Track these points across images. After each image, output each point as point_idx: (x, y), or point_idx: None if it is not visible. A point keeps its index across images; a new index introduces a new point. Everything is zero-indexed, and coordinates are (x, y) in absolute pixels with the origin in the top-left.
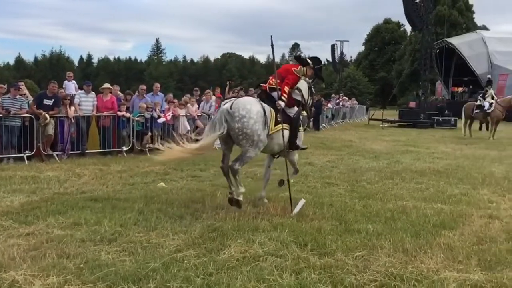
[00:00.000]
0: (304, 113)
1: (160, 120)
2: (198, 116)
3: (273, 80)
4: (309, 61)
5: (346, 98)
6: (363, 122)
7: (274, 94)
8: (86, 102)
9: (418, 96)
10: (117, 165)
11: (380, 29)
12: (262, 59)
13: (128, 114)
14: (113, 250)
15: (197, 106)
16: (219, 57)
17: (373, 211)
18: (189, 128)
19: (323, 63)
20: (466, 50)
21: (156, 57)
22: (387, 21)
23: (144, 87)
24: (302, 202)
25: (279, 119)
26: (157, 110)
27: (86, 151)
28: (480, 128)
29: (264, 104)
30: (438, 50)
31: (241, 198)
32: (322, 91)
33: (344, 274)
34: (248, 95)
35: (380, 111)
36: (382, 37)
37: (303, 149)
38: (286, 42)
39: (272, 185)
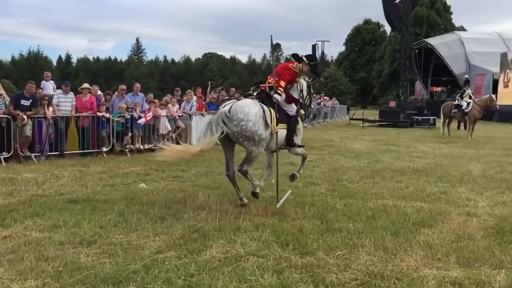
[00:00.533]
0: (302, 111)
1: (140, 121)
2: (179, 116)
3: (272, 79)
4: (304, 58)
5: (327, 98)
6: (344, 122)
7: (275, 98)
8: (64, 102)
9: (398, 96)
10: (96, 166)
11: (360, 29)
12: (244, 59)
13: (108, 115)
14: (92, 252)
15: (178, 106)
16: (200, 57)
17: (354, 210)
18: (170, 129)
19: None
20: (444, 51)
21: (136, 57)
22: (367, 22)
23: (124, 87)
24: (288, 193)
25: (277, 117)
26: (137, 110)
27: (65, 152)
28: (458, 127)
29: (263, 105)
30: (417, 51)
31: (257, 190)
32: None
33: (325, 273)
34: (230, 95)
35: (361, 111)
36: (362, 37)
37: (300, 146)
38: (267, 42)
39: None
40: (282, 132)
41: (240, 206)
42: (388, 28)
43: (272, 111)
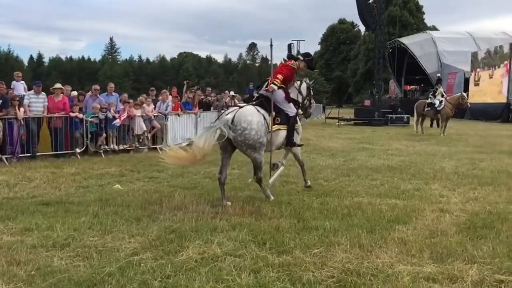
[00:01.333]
0: (300, 111)
1: (116, 123)
2: (154, 116)
3: (271, 79)
4: (299, 56)
5: None
6: (320, 121)
7: (276, 95)
8: (36, 103)
9: (372, 94)
10: (70, 168)
11: (335, 29)
12: (220, 58)
13: (81, 115)
14: (66, 255)
15: (153, 106)
16: (176, 57)
17: (330, 208)
18: (145, 129)
19: (312, 56)
20: (417, 50)
21: (110, 56)
22: (342, 21)
23: (98, 87)
24: (280, 169)
25: (276, 122)
26: (111, 110)
27: (37, 154)
28: (431, 125)
29: (262, 111)
30: (390, 50)
31: (272, 197)
32: None
33: (302, 271)
34: (206, 95)
35: (337, 110)
36: (337, 37)
37: (300, 145)
38: (243, 42)
39: (231, 184)
40: (282, 132)
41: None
42: (362, 28)
43: (271, 116)
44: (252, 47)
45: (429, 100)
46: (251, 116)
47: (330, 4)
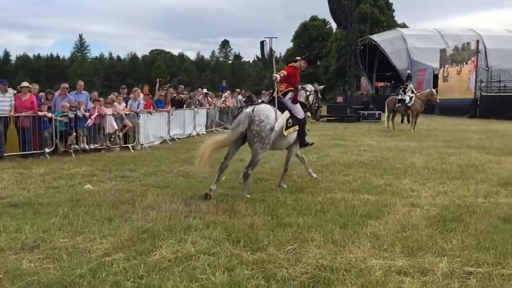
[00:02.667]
0: (308, 114)
1: (89, 123)
2: (126, 114)
3: (282, 86)
4: (298, 58)
5: None
6: None
7: (285, 99)
8: (2, 102)
9: (344, 91)
10: (39, 168)
11: (307, 26)
12: (192, 55)
13: (49, 114)
14: (35, 258)
15: (125, 104)
16: (147, 54)
17: (304, 204)
18: (116, 128)
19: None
20: (387, 47)
21: (80, 54)
22: (314, 19)
23: (66, 85)
24: (285, 114)
25: (289, 124)
26: (81, 109)
27: (4, 154)
28: (402, 121)
29: (278, 112)
30: (362, 47)
31: (246, 196)
32: (252, 87)
33: (276, 268)
34: (178, 92)
35: None
36: (309, 34)
37: (311, 144)
38: (215, 39)
39: (204, 182)
40: (293, 134)
41: (204, 196)
42: (334, 25)
43: (283, 114)
44: (225, 44)
45: (399, 97)
46: (269, 112)
47: (302, 1)
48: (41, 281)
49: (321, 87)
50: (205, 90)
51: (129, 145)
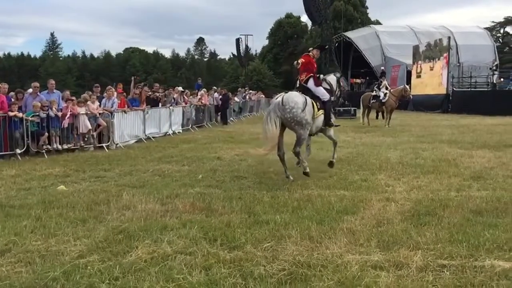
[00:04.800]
0: (333, 99)
1: (64, 124)
2: (100, 114)
3: (302, 76)
4: (310, 48)
5: (253, 92)
6: None
7: (309, 84)
8: None
9: None
10: (10, 169)
11: (282, 23)
12: (167, 53)
13: (20, 114)
14: (6, 261)
15: (98, 103)
16: (122, 52)
17: (281, 201)
18: (90, 127)
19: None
20: (361, 44)
21: (51, 52)
22: (289, 16)
23: (37, 84)
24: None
25: (319, 106)
26: (53, 108)
27: None
28: (377, 117)
29: (305, 96)
30: (336, 44)
31: (307, 170)
32: (229, 85)
33: (254, 266)
34: (154, 91)
35: None
36: (285, 31)
37: (337, 126)
38: (191, 37)
39: (181, 181)
40: (321, 117)
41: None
42: (309, 22)
43: (312, 100)
44: (200, 42)
45: (374, 93)
46: (297, 98)
47: None
48: (13, 285)
49: (339, 75)
50: (180, 88)
51: (104, 145)
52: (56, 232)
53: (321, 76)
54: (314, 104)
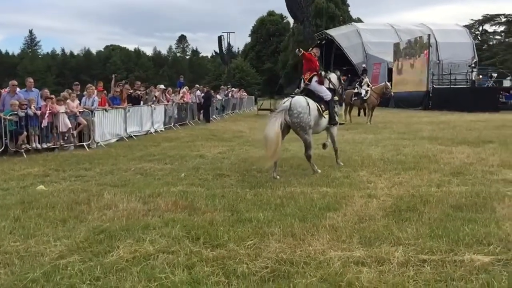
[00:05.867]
0: (336, 98)
1: (44, 123)
2: (80, 112)
3: (306, 75)
4: (310, 48)
5: (235, 90)
6: (253, 113)
7: (312, 83)
8: None
9: None
10: None
11: (264, 21)
12: (148, 51)
13: None
14: None
15: (78, 101)
16: (102, 50)
17: (264, 199)
18: (70, 126)
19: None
20: (343, 41)
21: (30, 50)
22: (271, 13)
23: (15, 82)
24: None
25: (323, 108)
26: (32, 107)
27: None
28: (359, 114)
29: (310, 100)
30: (318, 42)
31: (317, 171)
32: (211, 83)
33: (237, 264)
34: (135, 89)
35: (269, 101)
36: (267, 28)
37: (342, 124)
38: (172, 34)
39: (163, 180)
40: (326, 118)
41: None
42: (291, 20)
43: (316, 104)
44: (182, 39)
45: (356, 90)
46: (305, 103)
47: None
48: None
49: (339, 73)
50: (162, 86)
51: (84, 144)
52: (35, 233)
53: (322, 73)
54: (319, 108)
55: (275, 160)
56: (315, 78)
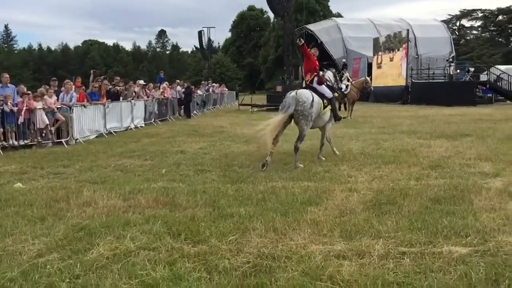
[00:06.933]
0: (336, 94)
1: (20, 120)
2: (58, 108)
3: (307, 77)
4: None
5: (216, 85)
6: (234, 108)
7: (314, 84)
8: None
9: (283, 80)
10: None
11: (244, 15)
12: (128, 46)
13: None
14: None
15: (56, 97)
16: (80, 45)
17: (245, 194)
18: (47, 122)
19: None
20: (323, 36)
21: (6, 45)
22: (251, 8)
23: None
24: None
25: (325, 104)
26: (8, 103)
27: None
28: (339, 109)
29: (314, 94)
30: (298, 37)
31: (300, 166)
32: (192, 78)
33: (218, 259)
34: (114, 84)
35: (249, 96)
36: (247, 23)
37: (344, 118)
38: (152, 29)
39: (143, 176)
40: (327, 113)
41: (261, 166)
42: (271, 15)
43: (320, 99)
44: (162, 34)
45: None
46: (309, 94)
47: None
48: None
49: (334, 70)
50: (142, 82)
51: (63, 140)
52: (13, 231)
53: (321, 73)
54: (322, 102)
55: (268, 150)
56: (315, 79)
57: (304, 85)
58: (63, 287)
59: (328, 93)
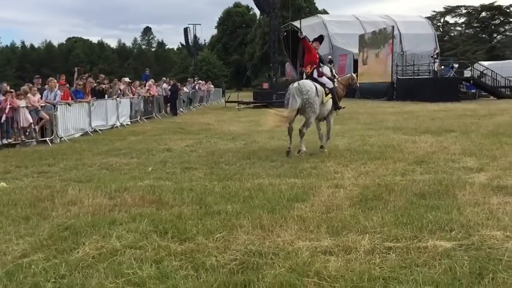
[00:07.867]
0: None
1: (3, 117)
2: (42, 106)
3: (308, 69)
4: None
5: (202, 82)
6: (220, 105)
7: (314, 76)
8: None
9: (270, 77)
10: None
11: (230, 12)
12: (113, 43)
13: None
14: None
15: (40, 95)
16: (64, 42)
17: (232, 191)
18: (31, 121)
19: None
20: (309, 33)
21: None
22: (237, 5)
23: None
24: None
25: (326, 91)
26: None
27: None
28: None
29: (316, 84)
30: (285, 33)
31: (303, 150)
32: (178, 75)
33: (205, 257)
34: (99, 82)
35: (236, 93)
36: (233, 20)
37: (343, 108)
38: (137, 26)
39: (130, 174)
40: (330, 100)
41: (286, 153)
42: (257, 12)
43: (322, 88)
44: (147, 31)
45: None
46: (311, 84)
47: None
48: None
49: (330, 64)
50: (127, 79)
51: (47, 139)
52: None
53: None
54: (323, 90)
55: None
56: (315, 72)
57: (304, 76)
58: (48, 287)
59: (328, 83)
